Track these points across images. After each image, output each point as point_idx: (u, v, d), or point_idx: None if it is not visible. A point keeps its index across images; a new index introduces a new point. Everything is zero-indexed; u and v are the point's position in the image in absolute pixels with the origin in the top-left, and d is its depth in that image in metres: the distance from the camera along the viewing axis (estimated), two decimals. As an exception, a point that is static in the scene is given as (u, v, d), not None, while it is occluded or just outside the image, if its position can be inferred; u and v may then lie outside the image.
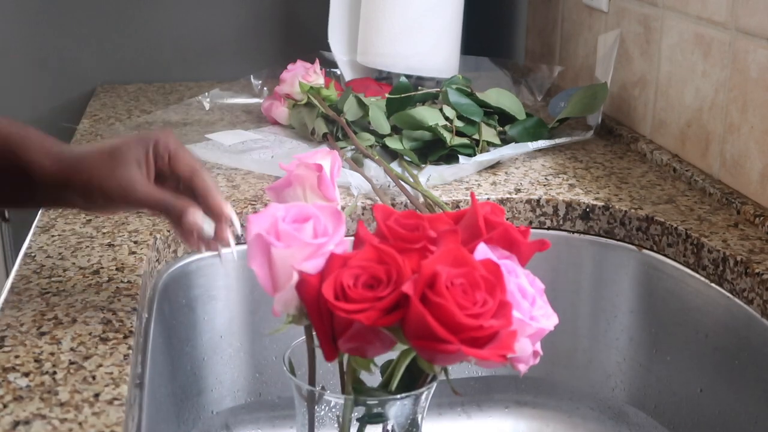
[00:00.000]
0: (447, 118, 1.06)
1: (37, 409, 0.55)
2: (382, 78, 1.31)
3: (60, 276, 0.74)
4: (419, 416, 0.60)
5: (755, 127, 0.90)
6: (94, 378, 0.58)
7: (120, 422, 0.54)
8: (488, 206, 0.59)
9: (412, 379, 0.58)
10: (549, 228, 0.96)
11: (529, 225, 0.95)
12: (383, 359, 0.56)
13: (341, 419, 0.58)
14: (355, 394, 0.57)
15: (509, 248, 0.57)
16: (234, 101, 1.32)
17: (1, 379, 0.58)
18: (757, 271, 0.78)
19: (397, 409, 0.58)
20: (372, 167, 0.99)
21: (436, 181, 0.98)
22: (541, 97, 1.33)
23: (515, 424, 0.97)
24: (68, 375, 0.59)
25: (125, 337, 0.64)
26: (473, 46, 1.43)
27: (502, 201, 0.95)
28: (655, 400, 0.91)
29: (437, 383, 0.59)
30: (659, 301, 0.90)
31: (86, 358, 0.61)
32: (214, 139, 1.11)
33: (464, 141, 1.05)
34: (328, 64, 1.34)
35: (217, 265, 0.89)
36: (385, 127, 1.07)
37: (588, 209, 0.95)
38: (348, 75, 1.34)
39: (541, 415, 0.97)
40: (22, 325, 0.65)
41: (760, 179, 0.90)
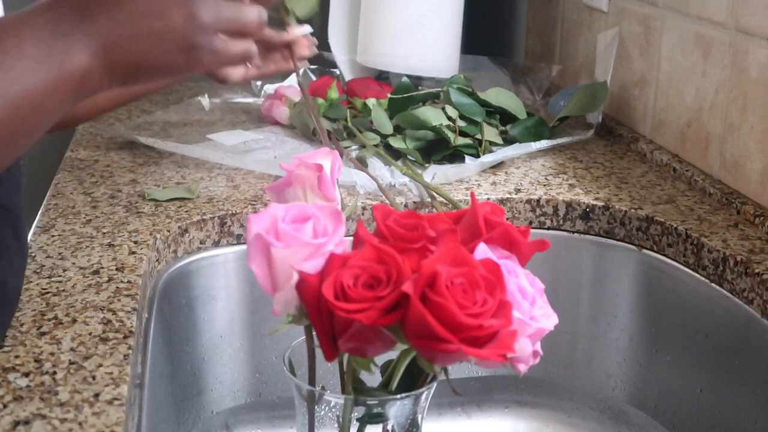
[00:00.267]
0: (450, 118, 1.06)
1: (37, 409, 0.55)
2: (382, 78, 1.31)
3: (60, 276, 0.74)
4: (419, 416, 0.60)
5: (755, 127, 0.90)
6: (94, 378, 0.58)
7: (120, 422, 0.54)
8: (488, 206, 0.59)
9: (412, 379, 0.58)
10: (549, 228, 0.96)
11: (529, 225, 0.95)
12: (383, 359, 0.56)
13: (341, 419, 0.58)
14: (355, 394, 0.57)
15: (509, 248, 0.57)
16: (234, 101, 1.32)
17: (1, 379, 0.58)
18: (757, 271, 0.78)
19: (397, 409, 0.58)
20: (377, 166, 0.99)
21: (440, 180, 0.98)
22: (541, 96, 1.33)
23: (515, 424, 0.96)
24: (68, 375, 0.59)
25: (125, 337, 0.64)
26: (473, 46, 1.43)
27: (502, 201, 0.95)
28: (655, 400, 0.91)
29: (437, 383, 0.59)
30: (659, 301, 0.90)
31: (86, 358, 0.61)
32: (215, 140, 1.11)
33: (467, 141, 1.05)
34: (328, 64, 1.34)
35: (217, 265, 0.89)
36: (388, 127, 1.07)
37: (588, 209, 0.95)
38: (348, 75, 1.34)
39: (541, 415, 0.97)
40: (22, 325, 0.65)
41: (760, 179, 0.90)
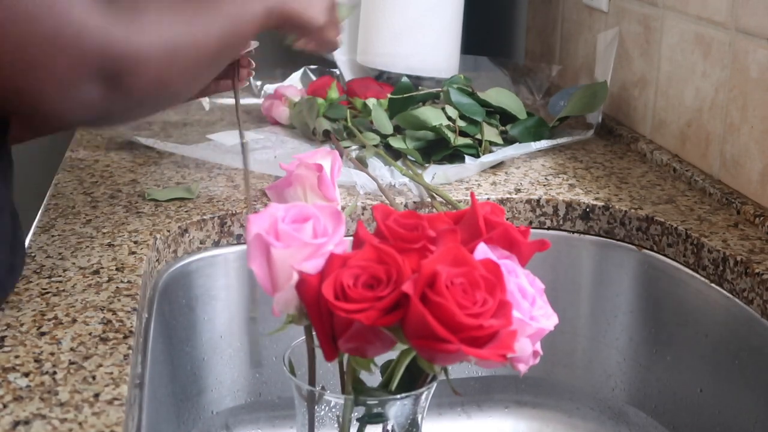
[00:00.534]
0: (450, 118, 1.06)
1: (37, 409, 0.55)
2: (382, 78, 1.31)
3: (60, 276, 0.74)
4: (419, 416, 0.60)
5: (755, 127, 0.90)
6: (94, 378, 0.58)
7: (120, 422, 0.54)
8: (488, 206, 0.59)
9: (412, 379, 0.58)
10: (549, 228, 0.96)
11: (529, 225, 0.95)
12: (383, 359, 0.56)
13: (341, 419, 0.58)
14: (355, 394, 0.57)
15: (509, 248, 0.57)
16: (234, 101, 1.31)
17: (1, 379, 0.58)
18: (757, 271, 0.78)
19: (397, 409, 0.58)
20: (377, 166, 0.99)
21: (440, 180, 0.98)
22: (541, 96, 1.33)
23: (515, 424, 0.96)
24: (68, 375, 0.59)
25: (125, 337, 0.64)
26: (473, 46, 1.43)
27: (502, 201, 0.95)
28: (655, 400, 0.91)
29: (437, 383, 0.59)
30: (659, 301, 0.90)
31: (86, 358, 0.61)
32: (215, 140, 1.11)
33: (467, 141, 1.05)
34: (328, 64, 1.34)
35: (217, 265, 0.89)
36: (388, 127, 1.07)
37: (588, 209, 0.95)
38: (348, 75, 1.34)
39: (541, 415, 0.97)
40: (22, 325, 0.65)
41: (760, 179, 0.90)
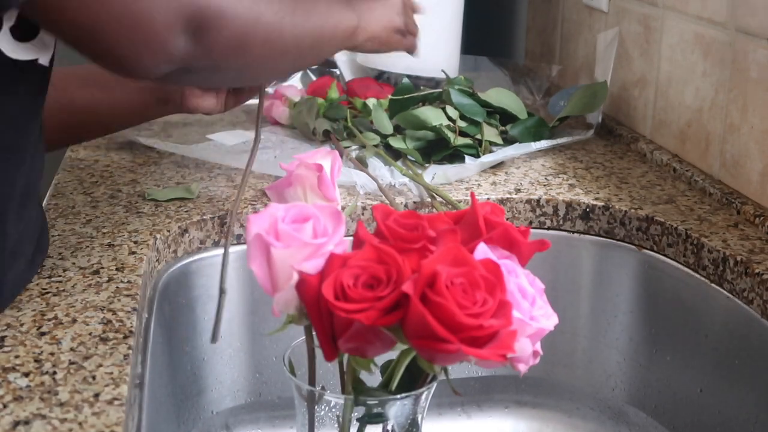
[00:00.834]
0: (450, 119, 1.06)
1: (37, 409, 0.55)
2: (382, 78, 1.31)
3: (60, 276, 0.74)
4: (419, 416, 0.60)
5: (755, 127, 0.90)
6: (94, 378, 0.58)
7: (120, 422, 0.54)
8: (488, 206, 0.59)
9: (412, 379, 0.58)
10: (549, 228, 0.96)
11: (529, 225, 0.95)
12: (383, 359, 0.56)
13: (341, 419, 0.58)
14: (355, 394, 0.57)
15: (509, 248, 0.57)
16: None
17: (1, 379, 0.58)
18: (757, 271, 0.78)
19: (397, 409, 0.58)
20: (377, 166, 0.99)
21: (440, 180, 0.98)
22: (541, 96, 1.33)
23: (515, 424, 0.96)
24: (68, 375, 0.59)
25: (125, 337, 0.64)
26: (473, 46, 1.43)
27: (502, 201, 0.95)
28: (655, 400, 0.91)
29: (437, 383, 0.59)
30: (659, 301, 0.90)
31: (86, 358, 0.61)
32: (216, 140, 1.11)
33: (467, 141, 1.05)
34: (327, 64, 1.34)
35: (217, 265, 0.89)
36: (388, 127, 1.07)
37: (588, 209, 0.95)
38: (348, 75, 1.34)
39: (541, 415, 0.97)
40: (22, 325, 0.65)
41: (760, 179, 0.90)
